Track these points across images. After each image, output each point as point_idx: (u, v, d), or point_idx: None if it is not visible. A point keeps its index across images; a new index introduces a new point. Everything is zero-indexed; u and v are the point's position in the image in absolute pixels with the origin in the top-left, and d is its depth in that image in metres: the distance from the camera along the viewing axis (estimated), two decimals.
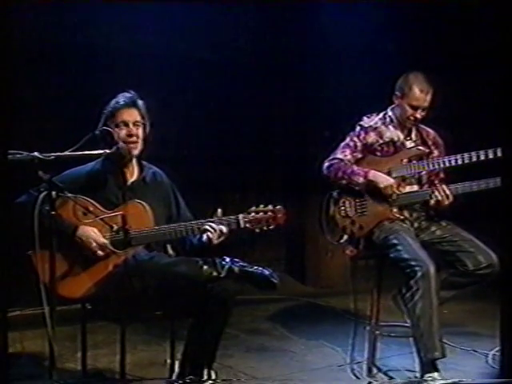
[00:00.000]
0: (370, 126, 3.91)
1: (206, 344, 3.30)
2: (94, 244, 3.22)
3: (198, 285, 3.16)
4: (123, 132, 3.32)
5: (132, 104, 3.36)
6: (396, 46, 5.71)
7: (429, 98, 3.75)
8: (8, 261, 2.88)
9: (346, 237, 3.84)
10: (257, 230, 3.35)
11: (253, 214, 3.35)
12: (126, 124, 3.33)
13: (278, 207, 3.38)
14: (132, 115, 3.35)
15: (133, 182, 3.44)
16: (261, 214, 3.35)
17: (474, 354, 4.13)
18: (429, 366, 3.52)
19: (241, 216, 3.34)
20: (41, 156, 2.94)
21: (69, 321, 3.34)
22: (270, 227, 3.36)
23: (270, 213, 3.36)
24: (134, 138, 3.34)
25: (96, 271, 3.24)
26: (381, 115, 3.93)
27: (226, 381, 3.63)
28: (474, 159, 3.70)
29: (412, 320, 3.58)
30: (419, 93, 3.75)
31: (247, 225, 3.34)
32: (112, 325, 3.55)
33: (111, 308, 3.22)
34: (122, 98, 3.36)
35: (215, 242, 3.31)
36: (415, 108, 3.78)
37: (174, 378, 3.40)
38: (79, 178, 3.34)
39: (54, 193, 2.92)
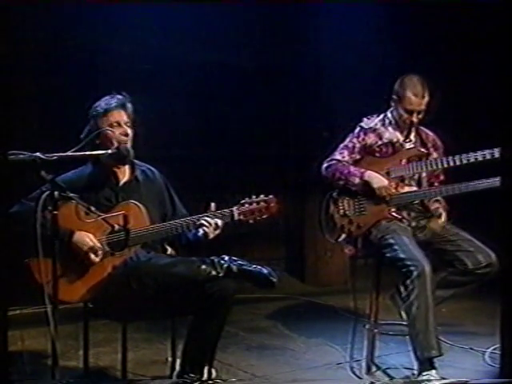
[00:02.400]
0: (370, 128, 3.93)
1: (205, 342, 3.33)
2: (89, 248, 3.24)
3: (197, 284, 3.18)
4: (118, 131, 3.33)
5: (121, 106, 3.37)
6: (396, 47, 5.72)
7: (424, 101, 3.77)
8: (8, 260, 2.91)
9: (343, 236, 3.87)
10: (250, 221, 3.38)
11: (246, 205, 3.38)
12: (119, 124, 3.35)
13: (270, 197, 3.41)
14: (123, 116, 3.37)
15: (125, 183, 3.45)
16: (254, 204, 3.38)
17: (471, 351, 4.15)
18: (426, 364, 3.54)
19: (234, 208, 3.37)
20: (43, 156, 2.94)
21: (71, 319, 3.37)
22: (263, 217, 3.39)
23: (262, 203, 3.39)
24: (129, 137, 3.36)
25: (95, 274, 3.26)
26: (381, 117, 3.96)
27: (226, 379, 3.65)
28: (472, 160, 3.72)
29: (408, 319, 3.60)
30: (414, 97, 3.76)
31: (241, 216, 3.37)
32: (114, 323, 3.56)
33: (112, 308, 3.24)
34: (113, 100, 3.37)
35: (211, 236, 3.33)
36: (410, 112, 3.80)
37: (174, 376, 3.43)
38: (71, 182, 3.31)
39: (56, 193, 2.95)
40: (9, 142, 2.93)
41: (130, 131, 3.37)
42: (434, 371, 3.53)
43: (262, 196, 3.40)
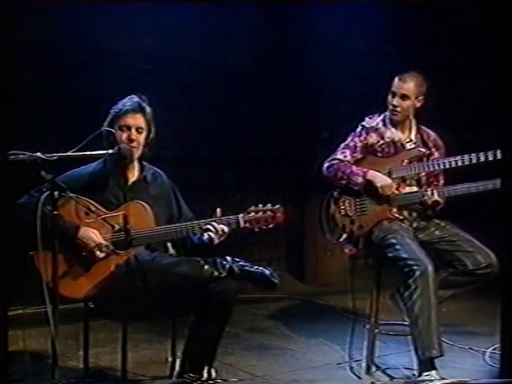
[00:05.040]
0: (372, 127, 3.94)
1: (206, 342, 3.33)
2: (95, 245, 3.24)
3: (200, 284, 3.19)
4: (124, 136, 3.34)
5: (138, 109, 3.38)
6: (398, 46, 5.73)
7: (406, 85, 3.81)
8: (9, 260, 2.91)
9: (345, 236, 3.87)
10: (256, 230, 3.39)
11: (252, 213, 3.39)
12: (129, 128, 3.35)
13: (277, 207, 3.42)
14: (136, 120, 3.37)
15: (134, 183, 3.46)
16: (260, 213, 3.39)
17: (471, 352, 4.16)
18: (427, 364, 3.54)
19: (240, 216, 3.38)
20: (43, 156, 2.95)
21: (71, 319, 3.37)
22: (269, 226, 3.40)
23: (269, 212, 3.40)
24: (135, 143, 3.36)
25: (98, 271, 3.26)
26: (382, 116, 3.96)
27: (227, 379, 3.65)
28: (474, 161, 3.72)
29: (410, 319, 3.60)
30: (397, 80, 3.85)
31: (247, 224, 3.38)
32: (114, 323, 3.56)
33: (113, 307, 3.25)
34: (129, 103, 3.38)
35: (216, 241, 3.34)
36: (393, 94, 3.85)
37: (174, 376, 3.43)
38: (81, 179, 3.37)
39: (56, 193, 2.95)
40: (9, 142, 2.93)
41: (138, 136, 3.37)
42: (434, 371, 3.53)
43: (269, 205, 3.41)
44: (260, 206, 3.41)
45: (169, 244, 3.49)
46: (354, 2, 5.51)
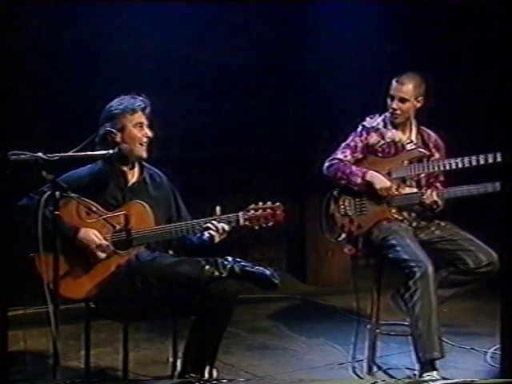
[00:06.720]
0: (372, 127, 3.94)
1: (207, 342, 3.34)
2: (95, 246, 3.24)
3: (200, 284, 3.19)
4: (141, 133, 3.37)
5: (145, 107, 3.40)
6: (399, 46, 5.72)
7: (404, 88, 3.80)
8: (10, 260, 2.91)
9: (343, 235, 3.87)
10: (256, 228, 3.39)
11: (252, 211, 3.38)
12: (142, 126, 3.38)
13: (277, 204, 3.41)
14: (144, 118, 3.39)
15: (133, 183, 3.46)
16: (260, 211, 3.38)
17: (472, 352, 4.15)
18: (427, 365, 3.54)
19: (240, 214, 3.37)
20: (44, 156, 2.95)
21: (72, 319, 3.37)
22: (269, 224, 3.39)
23: (268, 210, 3.39)
24: (148, 140, 3.39)
25: (99, 272, 3.26)
26: (383, 116, 3.96)
27: (228, 379, 3.65)
28: (474, 163, 3.73)
29: (411, 320, 3.60)
30: (395, 83, 3.84)
31: (247, 222, 3.37)
32: (115, 323, 3.56)
33: (114, 307, 3.25)
34: (138, 102, 3.38)
35: (216, 240, 3.34)
36: (392, 98, 3.84)
37: (175, 376, 3.43)
38: (80, 180, 3.36)
39: (57, 193, 2.95)
40: (9, 142, 2.93)
41: (150, 134, 3.39)
42: (435, 372, 3.52)
43: (268, 203, 3.40)
44: (260, 203, 3.41)
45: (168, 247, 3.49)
46: (354, 2, 5.51)
